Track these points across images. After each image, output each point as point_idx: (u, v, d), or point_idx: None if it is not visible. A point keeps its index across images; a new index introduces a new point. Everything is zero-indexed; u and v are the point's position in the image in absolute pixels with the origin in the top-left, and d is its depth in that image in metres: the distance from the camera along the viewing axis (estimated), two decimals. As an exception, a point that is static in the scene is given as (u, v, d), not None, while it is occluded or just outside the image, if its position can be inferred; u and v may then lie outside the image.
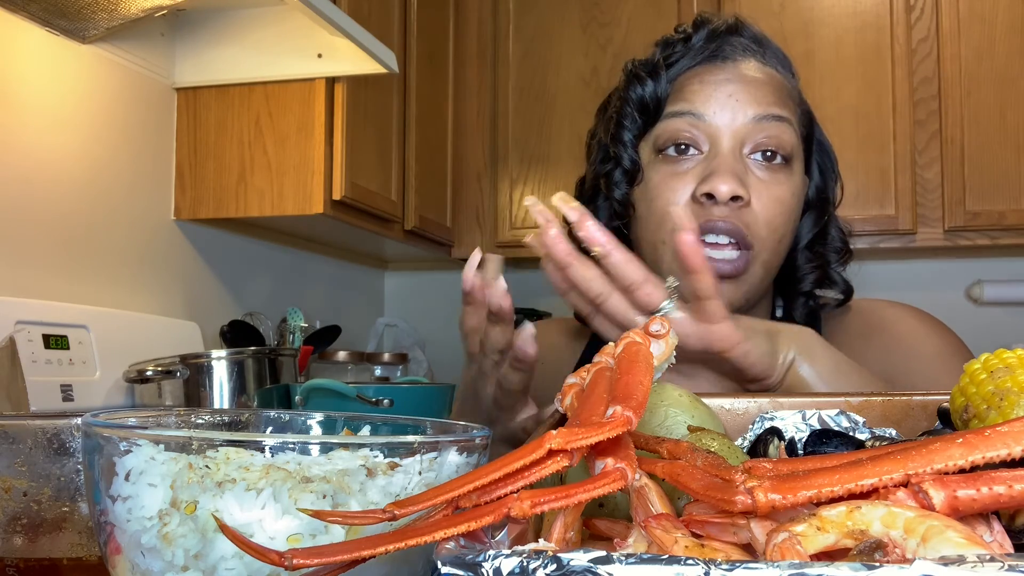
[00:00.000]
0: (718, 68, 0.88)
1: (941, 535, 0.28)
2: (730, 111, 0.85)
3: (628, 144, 0.90)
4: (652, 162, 0.89)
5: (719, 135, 0.85)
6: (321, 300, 2.60)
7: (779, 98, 0.88)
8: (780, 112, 0.86)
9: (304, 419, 0.54)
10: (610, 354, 0.45)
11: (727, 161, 0.83)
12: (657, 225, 0.87)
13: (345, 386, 1.72)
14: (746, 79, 0.87)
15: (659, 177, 0.87)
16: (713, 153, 0.85)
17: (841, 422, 0.58)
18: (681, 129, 0.86)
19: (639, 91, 0.90)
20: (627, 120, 0.91)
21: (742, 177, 0.83)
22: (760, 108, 0.85)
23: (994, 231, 2.45)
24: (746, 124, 0.85)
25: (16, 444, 0.52)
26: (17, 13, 1.52)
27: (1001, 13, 2.46)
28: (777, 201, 0.85)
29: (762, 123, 0.85)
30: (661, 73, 0.89)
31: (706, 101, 0.86)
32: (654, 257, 0.88)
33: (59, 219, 1.63)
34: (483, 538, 0.33)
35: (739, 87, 0.86)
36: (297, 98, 1.92)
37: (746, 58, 0.90)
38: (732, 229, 0.82)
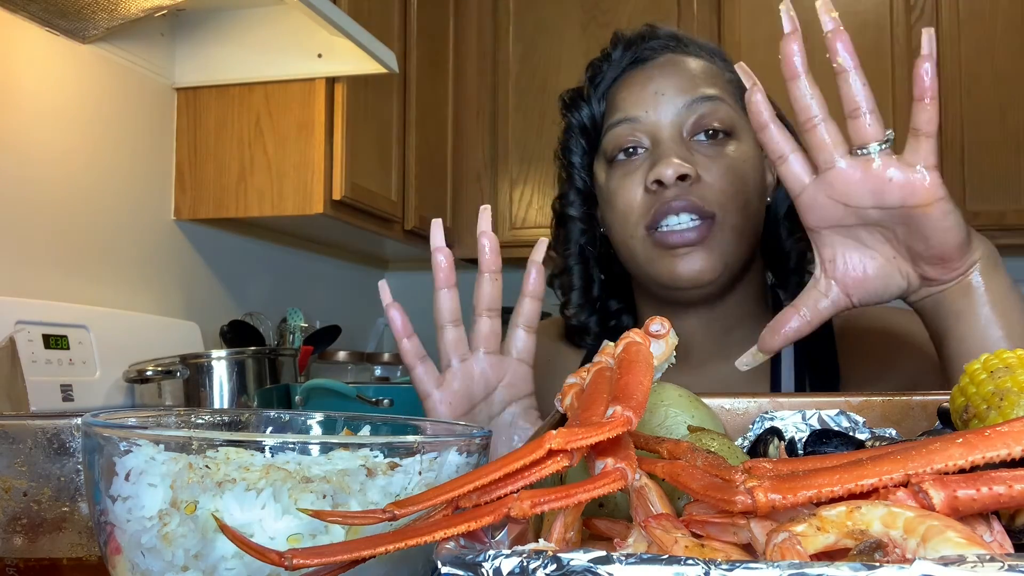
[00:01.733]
0: (639, 71, 0.93)
1: (941, 535, 0.28)
2: (661, 105, 0.90)
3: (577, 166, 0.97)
4: (607, 173, 0.93)
5: (657, 130, 0.90)
6: (321, 300, 2.60)
7: (704, 79, 0.91)
8: (708, 91, 0.90)
9: (304, 419, 0.54)
10: (610, 354, 0.45)
11: (669, 147, 0.88)
12: (622, 224, 0.91)
13: (345, 386, 1.72)
14: (667, 72, 0.92)
15: (614, 182, 0.92)
16: (655, 144, 0.90)
17: (841, 422, 0.58)
18: (621, 135, 0.91)
19: (577, 117, 0.96)
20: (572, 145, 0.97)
21: (686, 157, 0.87)
22: (687, 94, 0.90)
23: (994, 231, 2.45)
24: (679, 112, 0.89)
25: (16, 444, 0.52)
26: (17, 13, 1.52)
27: (1001, 13, 2.46)
28: (727, 169, 0.88)
29: (693, 106, 0.89)
30: (591, 94, 0.95)
31: (636, 103, 0.91)
32: (628, 255, 0.92)
33: (59, 219, 1.63)
34: (483, 538, 0.33)
35: (662, 82, 0.91)
36: (297, 98, 1.92)
37: (663, 54, 0.94)
38: (687, 205, 0.86)
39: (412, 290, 3.11)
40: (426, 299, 0.84)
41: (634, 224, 0.89)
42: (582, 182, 0.97)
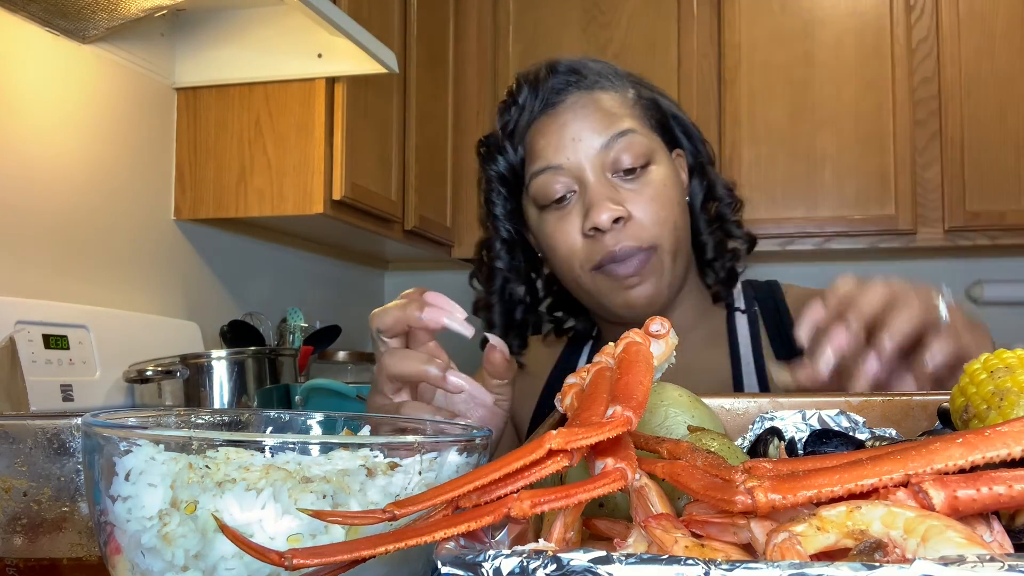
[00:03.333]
0: (551, 116, 0.96)
1: (941, 535, 0.28)
2: (580, 150, 0.93)
3: (501, 217, 1.01)
4: (540, 216, 0.97)
5: (581, 172, 0.93)
6: (321, 300, 2.60)
7: (614, 116, 0.95)
8: (620, 127, 0.94)
9: (304, 419, 0.54)
10: (610, 354, 0.45)
11: (597, 192, 0.92)
12: (568, 267, 0.96)
13: (345, 386, 1.72)
14: (578, 115, 0.94)
15: (550, 228, 0.96)
16: (583, 188, 0.93)
17: (841, 422, 0.58)
18: (548, 183, 0.94)
19: (495, 168, 0.99)
20: (495, 195, 1.00)
21: (615, 198, 0.91)
22: (602, 134, 0.93)
23: (994, 231, 2.45)
24: (598, 153, 0.93)
25: (16, 444, 0.52)
26: (17, 13, 1.52)
27: (1001, 13, 2.46)
28: (653, 200, 0.93)
29: (610, 145, 0.93)
30: (506, 144, 0.98)
31: (556, 151, 0.94)
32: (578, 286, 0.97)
33: (59, 219, 1.63)
34: (483, 538, 0.33)
35: (575, 126, 0.94)
36: (297, 98, 1.92)
37: (569, 94, 0.96)
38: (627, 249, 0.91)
39: (412, 290, 3.12)
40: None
41: (579, 267, 0.94)
42: (507, 232, 1.01)
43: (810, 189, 2.54)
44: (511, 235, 1.01)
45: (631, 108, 0.97)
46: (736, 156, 2.58)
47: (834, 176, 2.52)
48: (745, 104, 2.57)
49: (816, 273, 2.85)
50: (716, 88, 2.61)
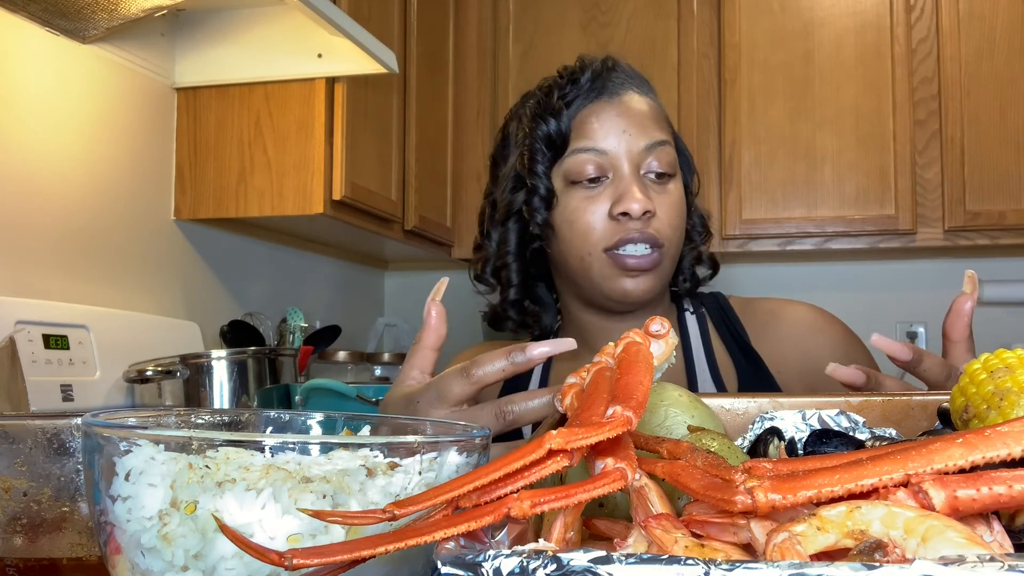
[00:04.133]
0: (607, 104, 1.04)
1: (941, 535, 0.28)
2: (626, 143, 1.02)
3: (542, 175, 1.05)
4: (566, 189, 1.04)
5: (620, 163, 1.02)
6: (321, 300, 2.60)
7: (659, 124, 1.05)
8: (664, 137, 1.04)
9: (304, 419, 0.54)
10: (610, 354, 0.45)
11: (632, 183, 1.00)
12: (582, 241, 1.02)
13: (345, 386, 1.72)
14: (632, 112, 1.04)
15: (575, 202, 1.03)
16: (618, 177, 1.02)
17: (841, 422, 0.58)
18: (588, 162, 1.02)
19: (544, 129, 1.05)
20: (538, 155, 1.05)
21: (646, 194, 1.00)
22: (649, 138, 1.03)
23: (994, 231, 2.45)
24: (640, 152, 1.02)
25: (16, 444, 0.52)
26: (17, 13, 1.52)
27: (1001, 13, 2.46)
28: (673, 207, 1.03)
29: (652, 149, 1.02)
30: (562, 112, 1.04)
31: (605, 137, 1.02)
32: (582, 267, 1.03)
33: (59, 219, 1.63)
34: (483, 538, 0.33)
35: (629, 121, 1.03)
36: (297, 98, 1.92)
37: (627, 91, 1.06)
38: (647, 237, 1.00)
39: (411, 290, 3.12)
40: (424, 299, 0.83)
41: (594, 244, 1.01)
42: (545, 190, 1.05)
43: (810, 189, 2.54)
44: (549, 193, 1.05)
45: (667, 124, 1.08)
46: (736, 156, 2.58)
47: (834, 176, 2.52)
48: (745, 104, 2.57)
49: (816, 273, 2.86)
50: (716, 88, 2.61)
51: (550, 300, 1.15)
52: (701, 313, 1.14)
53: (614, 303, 1.05)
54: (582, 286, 1.06)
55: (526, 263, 1.12)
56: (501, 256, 1.11)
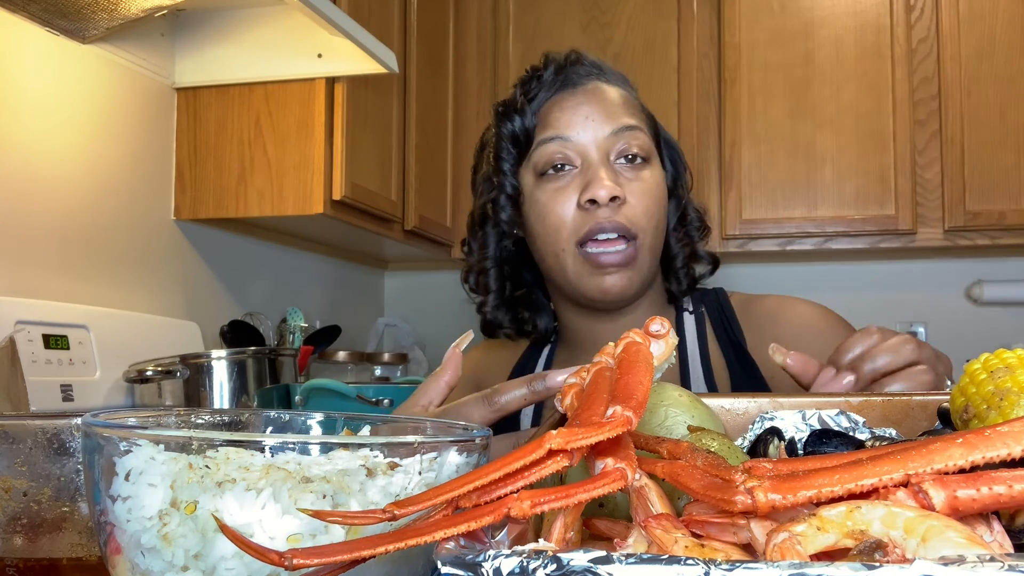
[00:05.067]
0: (570, 94, 1.03)
1: (941, 535, 0.28)
2: (590, 129, 1.00)
3: (507, 172, 1.04)
4: (536, 184, 1.02)
5: (587, 150, 1.00)
6: (321, 300, 2.60)
7: (626, 110, 1.03)
8: (631, 121, 1.01)
9: (304, 419, 0.54)
10: (610, 354, 0.45)
11: (600, 168, 0.98)
12: (555, 236, 1.00)
13: (345, 386, 1.72)
14: (596, 99, 1.02)
15: (545, 196, 1.01)
16: (586, 165, 1.00)
17: (841, 422, 0.58)
18: (554, 152, 1.00)
19: (509, 127, 1.04)
20: (504, 153, 1.04)
21: (615, 180, 0.98)
22: (614, 122, 1.00)
23: (994, 231, 2.45)
24: (607, 137, 1.00)
25: (16, 444, 0.52)
26: (17, 13, 1.52)
27: (1001, 13, 2.46)
28: (647, 193, 1.00)
29: (619, 134, 1.00)
30: (525, 108, 1.03)
31: (569, 124, 1.00)
32: (558, 265, 1.01)
33: (59, 219, 1.63)
34: (483, 538, 0.33)
35: (592, 107, 1.01)
36: (297, 98, 1.92)
37: (591, 81, 1.04)
38: (617, 226, 0.97)
39: (411, 290, 3.12)
40: (425, 299, 0.84)
41: (566, 238, 0.99)
42: (511, 188, 1.04)
43: (810, 189, 2.54)
44: (515, 191, 1.04)
45: (639, 112, 1.05)
46: (736, 156, 2.58)
47: (834, 176, 2.52)
48: (745, 104, 2.57)
49: (816, 273, 2.86)
50: (716, 88, 2.61)
51: (545, 304, 1.14)
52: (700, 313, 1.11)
53: (594, 302, 1.02)
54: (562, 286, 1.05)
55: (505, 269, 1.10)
56: (480, 262, 1.11)
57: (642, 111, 1.06)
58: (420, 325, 2.96)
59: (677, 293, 1.11)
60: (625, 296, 1.01)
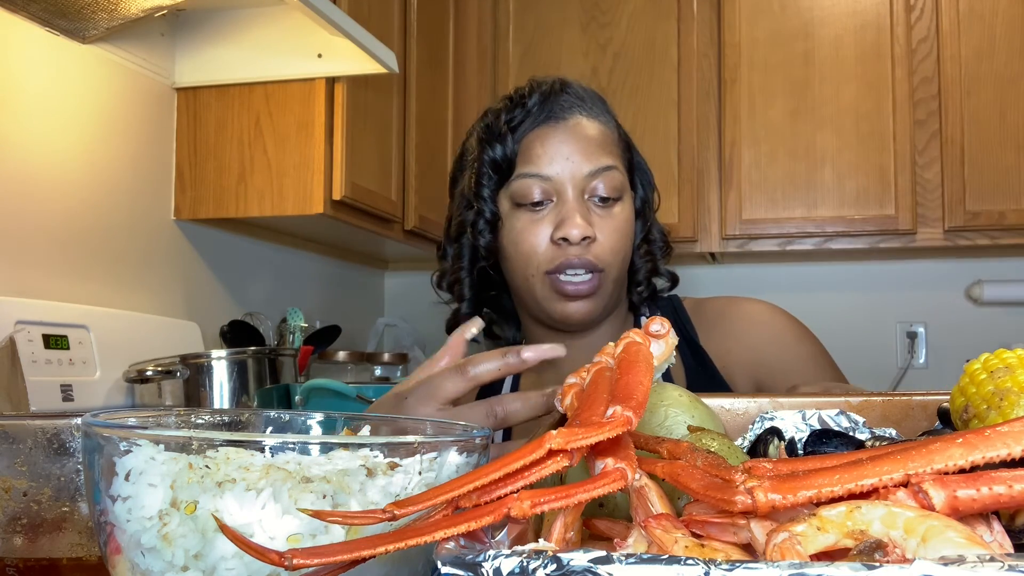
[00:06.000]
0: (553, 128, 1.06)
1: (941, 535, 0.28)
2: (569, 169, 1.04)
3: (487, 198, 1.08)
4: (513, 211, 1.07)
5: (563, 187, 1.04)
6: (321, 300, 2.60)
7: (605, 149, 1.07)
8: (608, 162, 1.05)
9: (304, 419, 0.54)
10: (610, 354, 0.45)
11: (574, 208, 1.02)
12: (525, 263, 1.05)
13: (345, 386, 1.72)
14: (577, 137, 1.05)
15: (521, 224, 1.05)
16: (561, 201, 1.04)
17: (841, 422, 0.58)
18: (532, 187, 1.04)
19: (491, 154, 1.07)
20: (484, 178, 1.08)
21: (587, 218, 1.03)
22: (592, 163, 1.04)
23: (994, 231, 2.45)
24: (583, 177, 1.04)
25: (16, 444, 0.52)
26: (17, 13, 1.51)
27: (1001, 13, 2.46)
28: (616, 231, 1.05)
29: (597, 175, 1.04)
30: (507, 136, 1.07)
31: (550, 163, 1.04)
32: (527, 287, 1.06)
33: (59, 219, 1.63)
34: (483, 538, 0.33)
35: (573, 147, 1.05)
36: (297, 98, 1.92)
37: (574, 115, 1.07)
38: (586, 262, 1.03)
39: (411, 290, 3.12)
40: (425, 299, 0.84)
41: (536, 267, 1.04)
42: (490, 213, 1.08)
43: (810, 189, 2.54)
44: (494, 216, 1.08)
45: (616, 146, 1.09)
46: (736, 156, 2.58)
47: (834, 176, 2.52)
48: (745, 104, 2.57)
49: (816, 273, 2.86)
50: (716, 88, 2.61)
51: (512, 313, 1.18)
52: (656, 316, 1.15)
53: (557, 323, 1.07)
54: (529, 305, 1.09)
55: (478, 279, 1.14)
56: (455, 271, 1.14)
57: (619, 143, 1.10)
58: (420, 325, 2.96)
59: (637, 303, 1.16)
60: (587, 322, 1.07)
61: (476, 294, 1.15)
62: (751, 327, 1.12)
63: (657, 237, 1.17)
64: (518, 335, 1.19)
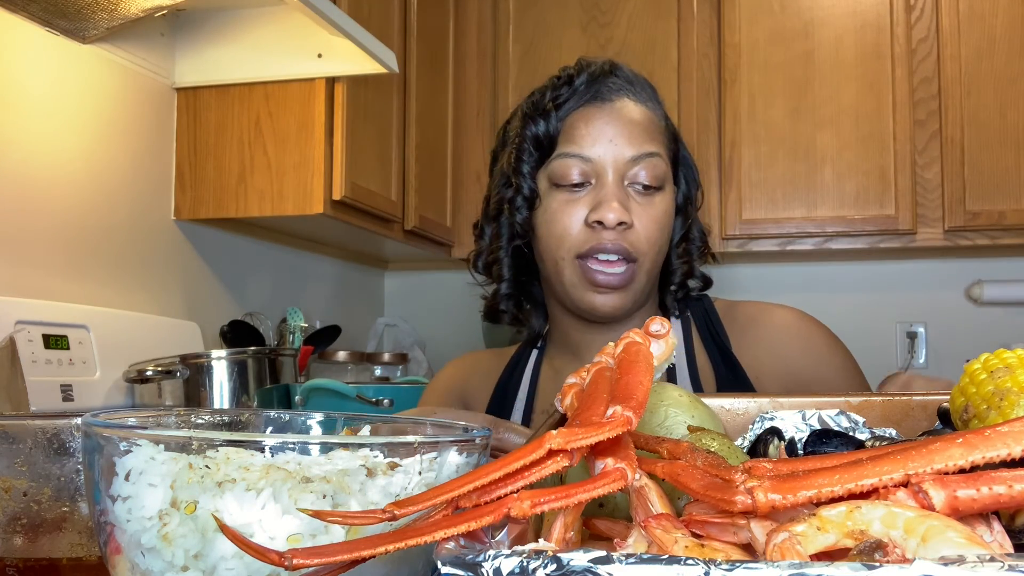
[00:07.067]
0: (598, 109, 1.03)
1: (941, 535, 0.28)
2: (612, 152, 1.01)
3: (527, 175, 1.06)
4: (550, 190, 1.04)
5: (604, 171, 1.01)
6: (321, 300, 2.60)
7: (650, 135, 1.03)
8: (652, 149, 1.02)
9: (304, 419, 0.54)
10: (610, 354, 0.45)
11: (612, 192, 0.99)
12: (557, 245, 1.02)
13: (345, 386, 1.72)
14: (622, 120, 1.02)
15: (556, 204, 1.03)
16: (600, 184, 1.01)
17: (841, 422, 0.58)
18: (573, 167, 1.02)
19: (533, 129, 1.05)
20: (525, 155, 1.06)
21: (625, 204, 0.99)
22: (635, 148, 1.01)
23: (994, 231, 2.45)
24: (625, 162, 1.01)
25: (16, 444, 0.52)
26: (17, 13, 1.52)
27: (1001, 13, 2.46)
28: (654, 220, 1.02)
29: (638, 160, 1.01)
30: (551, 114, 1.04)
31: (592, 144, 1.01)
32: (556, 271, 1.03)
33: (59, 219, 1.63)
34: (483, 538, 0.33)
35: (618, 130, 1.02)
36: (297, 98, 1.92)
37: (621, 98, 1.04)
38: (619, 248, 0.99)
39: (411, 290, 3.12)
40: (425, 299, 0.84)
41: (567, 249, 1.01)
42: (529, 190, 1.06)
43: (810, 189, 2.54)
44: (532, 193, 1.06)
45: (662, 135, 1.06)
46: (736, 156, 2.58)
47: (834, 176, 2.52)
48: (745, 104, 2.57)
49: (816, 273, 2.86)
50: (716, 88, 2.61)
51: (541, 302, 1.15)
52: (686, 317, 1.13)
53: (584, 314, 1.04)
54: (557, 291, 1.06)
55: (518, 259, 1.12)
56: (493, 251, 1.12)
57: (665, 131, 1.07)
58: (420, 325, 2.96)
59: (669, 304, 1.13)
60: (616, 315, 1.04)
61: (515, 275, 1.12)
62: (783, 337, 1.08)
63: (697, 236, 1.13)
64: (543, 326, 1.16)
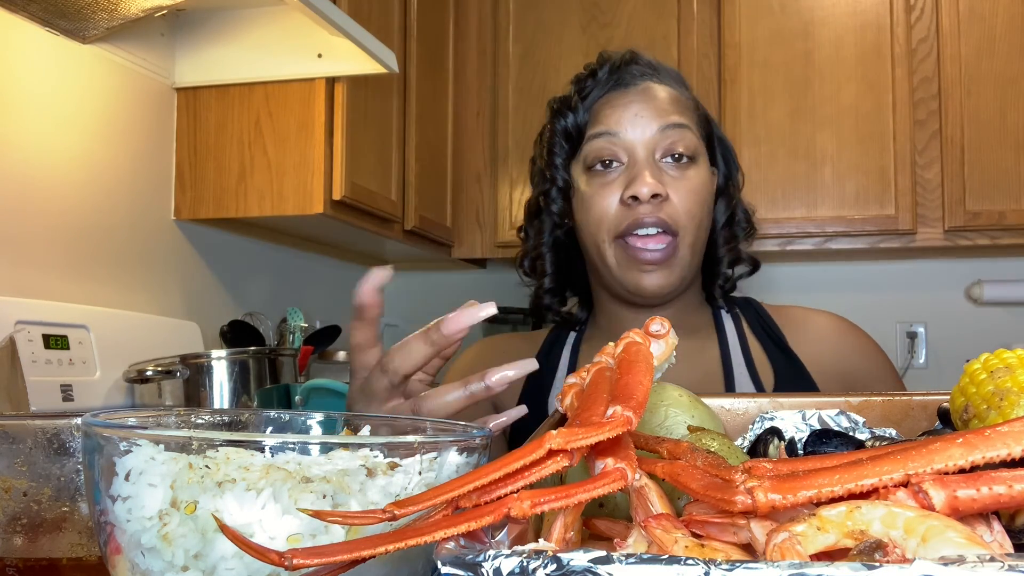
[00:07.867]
0: (622, 93, 1.06)
1: (941, 535, 0.28)
2: (639, 126, 1.02)
3: (559, 167, 1.08)
4: (584, 177, 1.06)
5: (634, 147, 1.02)
6: (321, 300, 2.60)
7: (676, 108, 1.05)
8: (679, 120, 1.03)
9: (304, 419, 0.54)
10: (610, 354, 0.45)
11: (644, 167, 1.00)
12: (596, 228, 1.03)
13: (345, 386, 1.72)
14: (647, 97, 1.04)
15: (591, 189, 1.04)
16: (632, 162, 1.02)
17: (841, 422, 0.58)
18: (602, 147, 1.03)
19: (562, 123, 1.08)
20: (556, 148, 1.09)
21: (658, 177, 1.00)
22: (662, 120, 1.03)
23: (994, 231, 2.45)
24: (653, 135, 1.02)
25: (16, 444, 0.52)
26: (17, 13, 1.51)
27: (1001, 13, 2.46)
28: (690, 192, 1.02)
29: (666, 131, 1.02)
30: (578, 105, 1.07)
31: (618, 121, 1.03)
32: (599, 254, 1.04)
33: (59, 219, 1.63)
34: (483, 538, 0.33)
35: (642, 105, 1.03)
36: (297, 98, 1.92)
37: (644, 81, 1.06)
38: (657, 221, 0.99)
39: (411, 290, 3.12)
40: (425, 299, 0.83)
41: (607, 231, 1.02)
42: (563, 181, 1.08)
43: (810, 189, 2.54)
44: (566, 184, 1.08)
45: (690, 111, 1.07)
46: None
47: (834, 176, 2.52)
48: (745, 104, 2.57)
49: (816, 273, 2.86)
50: (716, 88, 2.61)
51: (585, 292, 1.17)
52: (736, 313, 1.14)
53: (631, 296, 1.05)
54: (603, 276, 1.07)
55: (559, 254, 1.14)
56: (536, 247, 1.14)
57: (694, 111, 1.08)
58: (420, 325, 2.94)
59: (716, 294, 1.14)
60: (662, 294, 1.03)
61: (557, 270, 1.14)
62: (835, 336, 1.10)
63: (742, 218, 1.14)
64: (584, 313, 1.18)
